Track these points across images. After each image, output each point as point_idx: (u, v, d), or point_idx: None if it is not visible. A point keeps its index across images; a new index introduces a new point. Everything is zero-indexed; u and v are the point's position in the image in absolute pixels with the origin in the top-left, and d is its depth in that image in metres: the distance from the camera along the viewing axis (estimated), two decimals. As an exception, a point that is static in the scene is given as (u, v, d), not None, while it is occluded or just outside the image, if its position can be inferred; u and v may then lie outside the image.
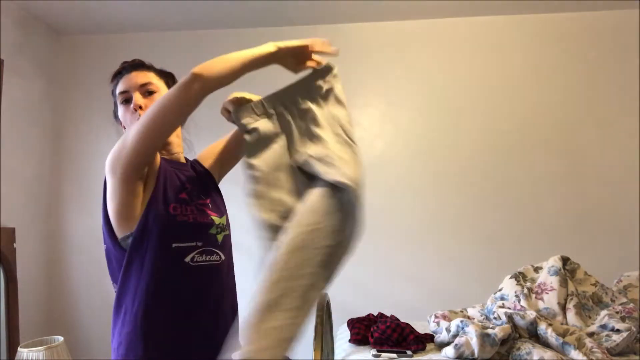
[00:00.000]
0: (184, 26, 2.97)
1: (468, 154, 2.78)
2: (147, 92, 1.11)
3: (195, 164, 1.23)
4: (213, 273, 1.07)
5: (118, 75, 1.16)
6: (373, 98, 2.90)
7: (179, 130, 1.19)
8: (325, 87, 1.05)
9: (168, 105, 0.93)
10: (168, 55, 2.79)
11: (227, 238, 1.15)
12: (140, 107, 1.09)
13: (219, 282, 1.09)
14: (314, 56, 1.05)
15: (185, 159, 1.23)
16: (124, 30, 3.02)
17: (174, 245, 1.01)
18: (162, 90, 1.14)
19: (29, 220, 2.80)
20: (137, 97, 1.09)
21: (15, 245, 2.56)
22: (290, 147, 1.00)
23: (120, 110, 1.13)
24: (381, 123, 2.88)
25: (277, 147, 0.99)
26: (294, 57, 1.03)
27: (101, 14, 2.81)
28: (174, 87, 0.93)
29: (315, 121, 1.01)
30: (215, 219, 1.11)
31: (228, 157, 1.27)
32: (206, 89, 0.92)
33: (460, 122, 2.81)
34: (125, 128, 1.14)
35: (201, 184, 1.18)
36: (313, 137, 0.99)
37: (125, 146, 0.96)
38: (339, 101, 1.08)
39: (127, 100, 1.11)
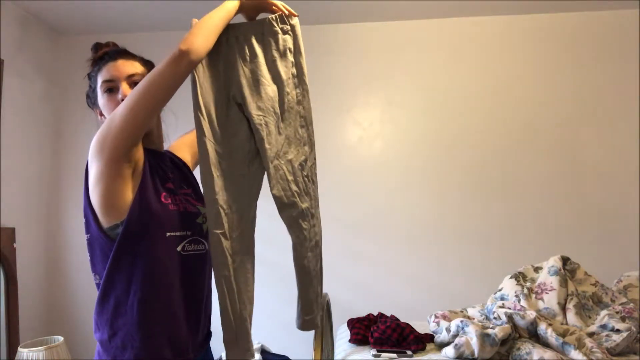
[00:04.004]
0: (184, 26, 2.97)
1: (468, 154, 2.78)
2: (134, 83, 1.07)
3: (170, 155, 1.22)
4: (200, 262, 1.09)
5: (100, 60, 1.11)
6: (373, 98, 2.90)
7: (159, 121, 1.17)
8: (281, 33, 1.13)
9: (158, 81, 0.94)
10: (168, 55, 2.79)
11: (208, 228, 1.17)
12: None
13: (204, 271, 1.11)
14: (276, 7, 1.13)
15: None
16: (124, 30, 3.02)
17: (167, 234, 1.01)
18: None
19: (29, 220, 2.80)
20: (125, 88, 1.06)
21: (15, 245, 2.56)
22: (232, 81, 1.08)
23: (103, 98, 1.08)
24: (381, 123, 2.88)
25: (218, 73, 1.08)
26: (255, 9, 1.14)
27: (101, 14, 2.81)
28: (163, 65, 0.95)
29: (260, 69, 1.09)
30: (201, 208, 1.12)
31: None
32: (194, 62, 0.97)
33: (460, 122, 2.81)
34: (102, 116, 1.11)
35: (181, 174, 1.18)
36: (256, 85, 1.08)
37: (114, 125, 0.94)
38: (292, 52, 1.14)
39: (111, 90, 1.07)
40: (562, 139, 2.72)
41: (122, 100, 1.04)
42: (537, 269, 2.11)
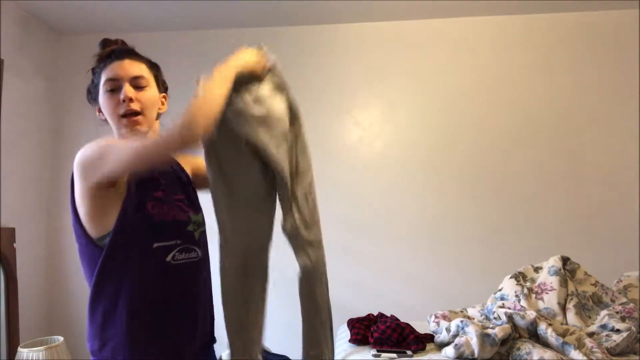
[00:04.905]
0: (184, 26, 2.97)
1: (468, 154, 2.78)
2: (138, 86, 1.07)
3: (173, 163, 1.20)
4: (193, 270, 1.07)
5: (107, 57, 1.10)
6: (373, 98, 2.90)
7: (156, 124, 1.15)
8: (270, 75, 1.09)
9: (162, 152, 0.95)
10: (168, 55, 2.80)
11: (204, 234, 1.14)
12: (131, 100, 1.04)
13: (198, 278, 1.09)
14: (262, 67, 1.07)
15: None
16: (124, 30, 3.02)
17: (155, 245, 1.00)
18: (152, 87, 1.11)
19: (29, 220, 2.80)
20: (129, 90, 1.05)
21: (15, 245, 2.56)
22: (240, 123, 1.04)
23: (104, 97, 1.07)
24: (381, 123, 2.88)
25: (228, 119, 1.03)
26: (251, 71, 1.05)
27: (101, 14, 2.81)
28: (170, 138, 0.91)
29: (264, 109, 1.05)
30: (192, 215, 1.10)
31: (202, 176, 1.19)
32: (198, 142, 0.95)
33: (460, 122, 2.80)
34: (100, 112, 1.10)
35: (176, 178, 1.16)
36: (263, 124, 1.04)
37: (104, 164, 0.94)
38: (281, 88, 1.11)
39: (114, 89, 1.06)
40: (562, 139, 2.72)
41: (123, 100, 1.04)
42: (537, 269, 2.11)
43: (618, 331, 1.66)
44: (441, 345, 1.81)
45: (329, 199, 2.86)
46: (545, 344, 1.63)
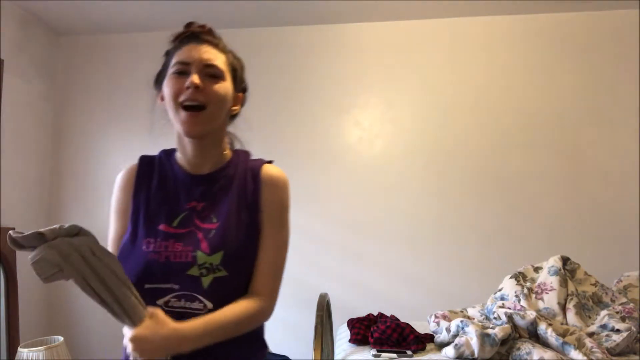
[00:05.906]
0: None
1: (468, 153, 2.78)
2: (210, 75, 0.93)
3: (248, 174, 0.99)
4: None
5: (185, 38, 0.98)
6: (373, 98, 2.90)
7: (219, 131, 0.99)
8: None
9: None
10: (168, 55, 2.80)
11: (221, 281, 0.88)
12: (197, 87, 0.90)
13: None
14: None
15: (238, 152, 1.05)
16: (124, 30, 3.02)
17: (146, 286, 0.88)
18: (226, 81, 0.96)
19: (29, 220, 2.80)
20: (196, 76, 0.91)
21: (15, 245, 2.56)
22: None
23: (168, 78, 0.94)
24: (381, 123, 2.88)
25: None
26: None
27: (101, 14, 2.81)
28: None
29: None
30: (202, 256, 0.89)
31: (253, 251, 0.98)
32: None
33: (460, 122, 2.81)
34: (162, 99, 0.97)
35: (217, 201, 0.96)
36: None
37: None
38: None
39: (182, 73, 0.93)
40: (562, 139, 2.72)
41: (187, 87, 0.90)
42: (537, 269, 2.11)
43: (618, 331, 1.66)
44: (441, 345, 1.81)
45: (329, 199, 2.86)
46: (545, 344, 1.64)
